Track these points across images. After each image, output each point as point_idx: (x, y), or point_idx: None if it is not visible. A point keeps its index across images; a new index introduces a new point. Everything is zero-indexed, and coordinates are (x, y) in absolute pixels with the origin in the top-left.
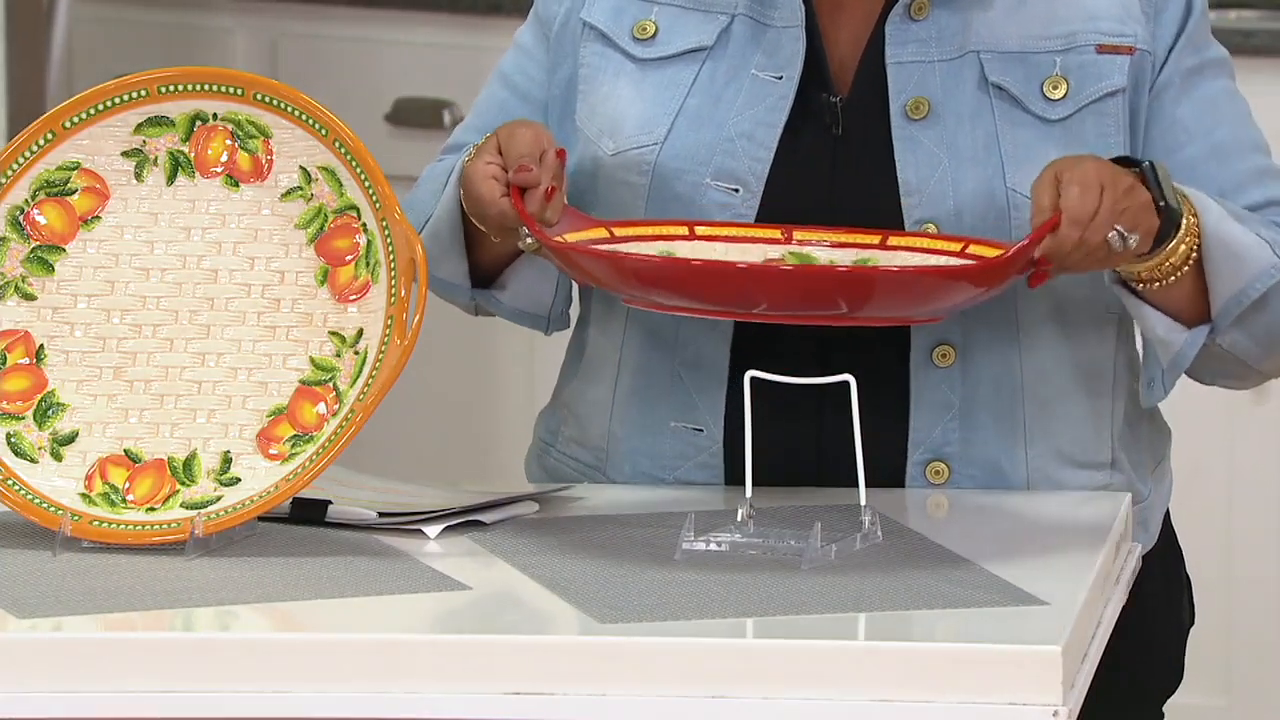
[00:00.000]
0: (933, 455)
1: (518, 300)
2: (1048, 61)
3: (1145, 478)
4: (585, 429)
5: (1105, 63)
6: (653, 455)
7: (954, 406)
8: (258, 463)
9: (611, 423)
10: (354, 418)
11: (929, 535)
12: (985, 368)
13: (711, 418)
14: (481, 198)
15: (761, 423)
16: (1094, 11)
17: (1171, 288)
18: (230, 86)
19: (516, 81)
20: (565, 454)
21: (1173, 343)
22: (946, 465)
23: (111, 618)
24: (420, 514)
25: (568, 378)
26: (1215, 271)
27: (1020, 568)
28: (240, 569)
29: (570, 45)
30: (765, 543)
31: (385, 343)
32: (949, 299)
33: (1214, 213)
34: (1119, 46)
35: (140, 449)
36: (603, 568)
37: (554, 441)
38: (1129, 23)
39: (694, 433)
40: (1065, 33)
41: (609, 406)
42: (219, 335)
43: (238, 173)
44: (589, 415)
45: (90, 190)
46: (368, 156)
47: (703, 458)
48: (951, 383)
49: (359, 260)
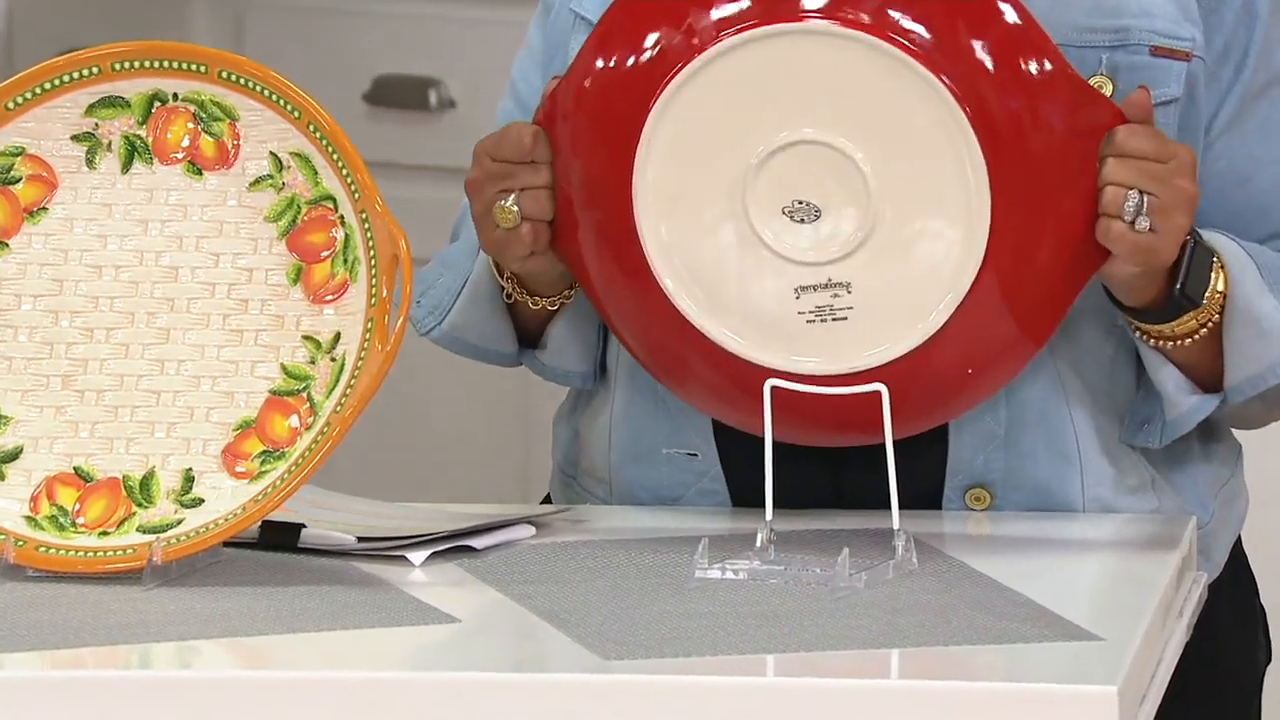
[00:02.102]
0: (973, 481)
1: (560, 359)
2: (1093, 57)
3: (1205, 500)
4: (594, 460)
5: (1160, 67)
6: (651, 486)
7: (998, 436)
8: (223, 482)
9: (611, 452)
10: (330, 431)
11: (969, 562)
12: (1031, 392)
13: (702, 440)
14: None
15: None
16: (1149, 7)
17: (1192, 346)
18: (192, 63)
19: (520, 90)
20: (584, 488)
21: (1179, 404)
22: (988, 491)
23: (59, 654)
24: (404, 539)
25: (577, 405)
26: (1236, 347)
27: (1072, 598)
28: (203, 600)
29: (560, 37)
30: (787, 570)
31: (365, 348)
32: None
33: (1250, 284)
34: (1176, 51)
35: (92, 467)
36: (607, 598)
37: (575, 474)
38: (1185, 24)
39: (689, 458)
40: (1115, 26)
41: (608, 435)
42: (180, 340)
43: (201, 159)
44: (594, 444)
45: (36, 179)
46: (345, 141)
47: (703, 484)
48: (995, 413)
49: (336, 257)
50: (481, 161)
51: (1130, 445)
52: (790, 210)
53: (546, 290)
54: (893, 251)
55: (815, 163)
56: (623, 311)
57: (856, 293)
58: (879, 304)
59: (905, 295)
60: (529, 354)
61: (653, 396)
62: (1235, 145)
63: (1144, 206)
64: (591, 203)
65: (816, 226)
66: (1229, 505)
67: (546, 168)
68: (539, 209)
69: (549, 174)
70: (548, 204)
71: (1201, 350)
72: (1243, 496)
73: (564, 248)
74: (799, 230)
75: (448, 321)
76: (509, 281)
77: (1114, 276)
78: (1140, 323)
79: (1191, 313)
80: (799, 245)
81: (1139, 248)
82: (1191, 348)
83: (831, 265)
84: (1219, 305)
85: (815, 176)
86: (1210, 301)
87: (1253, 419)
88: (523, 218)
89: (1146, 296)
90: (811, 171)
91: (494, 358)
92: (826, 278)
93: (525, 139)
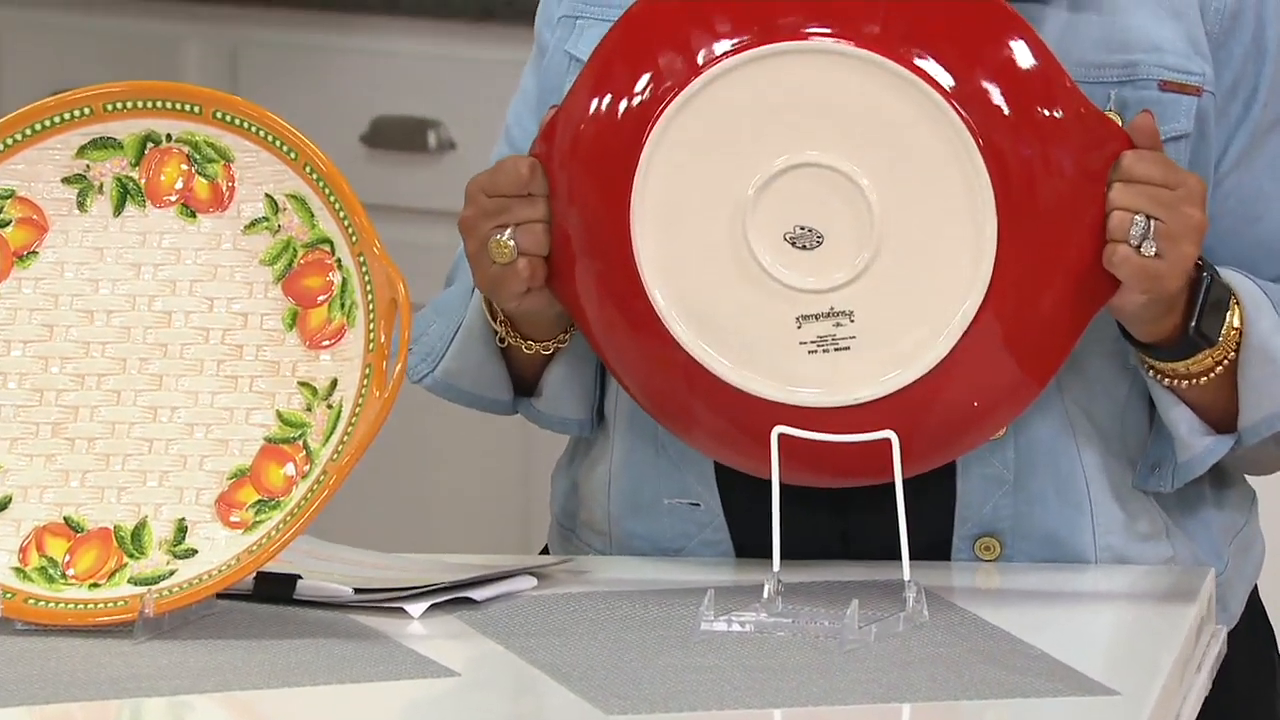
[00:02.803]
0: (982, 530)
1: (556, 406)
2: (1101, 93)
3: (1219, 549)
4: (593, 511)
5: (1169, 102)
6: (652, 537)
7: (1007, 482)
8: (217, 532)
9: (610, 504)
10: (327, 480)
11: (981, 614)
12: (1041, 433)
13: (704, 488)
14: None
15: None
16: (1158, 41)
17: (1206, 386)
18: (185, 104)
19: (514, 135)
20: (583, 540)
21: (1192, 446)
22: (998, 541)
23: (49, 709)
24: (402, 590)
25: (575, 456)
26: (1252, 386)
27: (1087, 652)
28: (196, 653)
29: (555, 80)
30: (795, 623)
31: (362, 395)
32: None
33: (1266, 322)
34: (1186, 85)
35: (83, 517)
36: (610, 651)
37: (574, 526)
38: (1195, 59)
39: (691, 508)
40: (1125, 61)
41: (606, 485)
42: (173, 387)
43: (194, 202)
44: (594, 496)
45: (26, 222)
46: (343, 183)
47: (705, 534)
48: (1004, 457)
49: (333, 301)
50: (476, 199)
51: (1143, 490)
52: (792, 236)
53: (542, 333)
54: (897, 280)
55: (819, 187)
56: (621, 351)
57: (859, 321)
58: (883, 334)
59: (910, 324)
60: (524, 402)
61: (654, 446)
62: (1245, 182)
63: (1150, 231)
64: (591, 249)
65: (818, 253)
66: (1244, 553)
67: (543, 201)
68: (536, 243)
69: (545, 207)
70: (544, 238)
71: (1216, 390)
72: (1258, 544)
73: (561, 285)
74: (800, 257)
75: (440, 368)
76: (503, 325)
77: (1123, 308)
78: (1154, 360)
79: (1206, 351)
80: (800, 272)
81: (1145, 273)
82: (1206, 388)
83: (834, 293)
84: (1235, 343)
85: (819, 200)
86: (1226, 339)
87: (1266, 463)
88: (519, 252)
89: (1160, 331)
90: (815, 195)
91: (489, 405)
92: (829, 306)
93: (522, 171)
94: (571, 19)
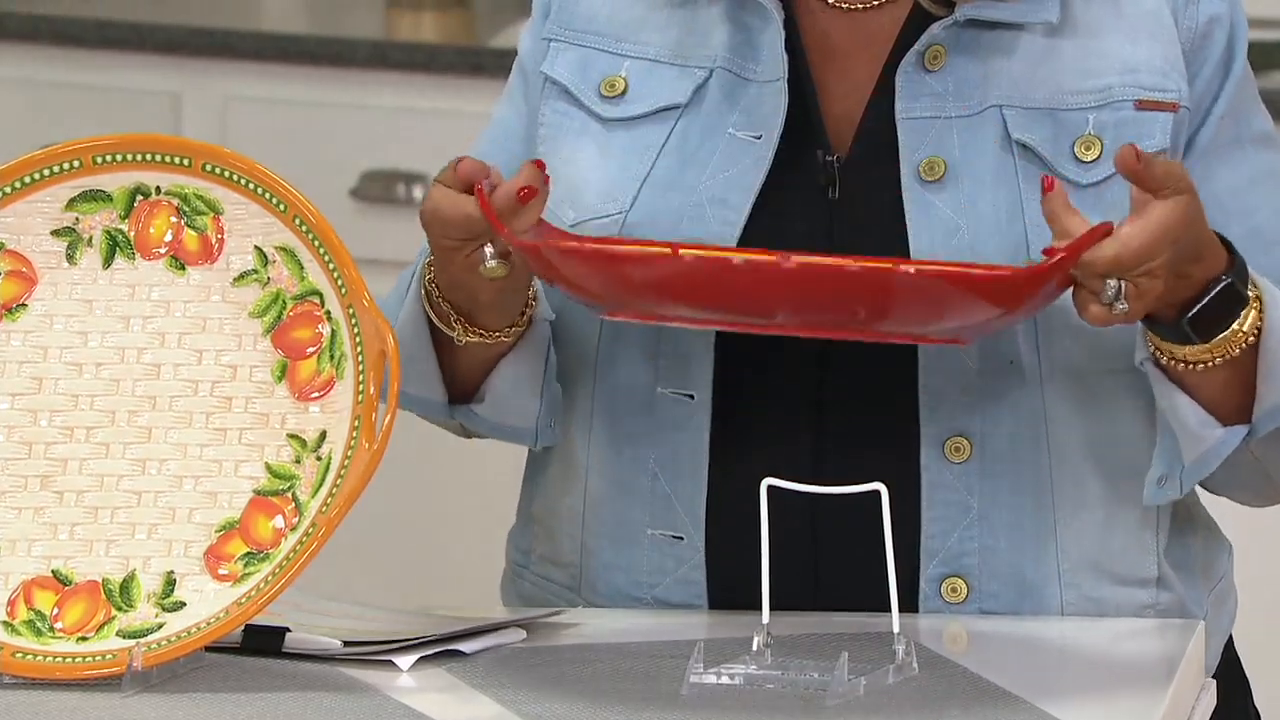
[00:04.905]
0: (948, 570)
1: (499, 413)
2: (1079, 119)
3: (1200, 598)
4: (558, 545)
5: (1146, 120)
6: (628, 570)
7: (972, 510)
8: (205, 584)
9: (584, 534)
10: (316, 532)
11: (970, 667)
12: (1007, 464)
13: (691, 521)
14: (440, 213)
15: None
16: (1133, 63)
17: (1214, 372)
18: (175, 156)
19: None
20: (540, 575)
21: (1204, 439)
22: (965, 582)
23: None
24: (391, 643)
25: (535, 487)
26: (1271, 371)
27: (1077, 707)
28: (185, 707)
29: (532, 103)
30: (784, 675)
31: (352, 447)
32: (973, 311)
33: None
34: (1161, 103)
35: (71, 570)
36: (599, 704)
37: (527, 563)
38: (1172, 75)
39: (673, 541)
40: (1100, 86)
41: (579, 516)
42: (162, 439)
43: (184, 254)
44: (560, 528)
45: (15, 274)
46: (332, 235)
47: (683, 571)
48: (969, 482)
49: (322, 353)
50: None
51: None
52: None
53: (503, 317)
54: None
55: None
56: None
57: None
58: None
59: None
60: (464, 409)
61: (643, 476)
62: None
63: (1122, 292)
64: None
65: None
66: (1220, 606)
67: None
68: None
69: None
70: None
71: (1225, 385)
72: (1232, 597)
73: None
74: None
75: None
76: (459, 324)
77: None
78: (1155, 334)
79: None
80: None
81: (1113, 321)
82: (1214, 377)
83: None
84: (1240, 343)
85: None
86: (1231, 339)
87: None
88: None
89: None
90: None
91: (423, 407)
92: None
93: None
94: (547, 41)
